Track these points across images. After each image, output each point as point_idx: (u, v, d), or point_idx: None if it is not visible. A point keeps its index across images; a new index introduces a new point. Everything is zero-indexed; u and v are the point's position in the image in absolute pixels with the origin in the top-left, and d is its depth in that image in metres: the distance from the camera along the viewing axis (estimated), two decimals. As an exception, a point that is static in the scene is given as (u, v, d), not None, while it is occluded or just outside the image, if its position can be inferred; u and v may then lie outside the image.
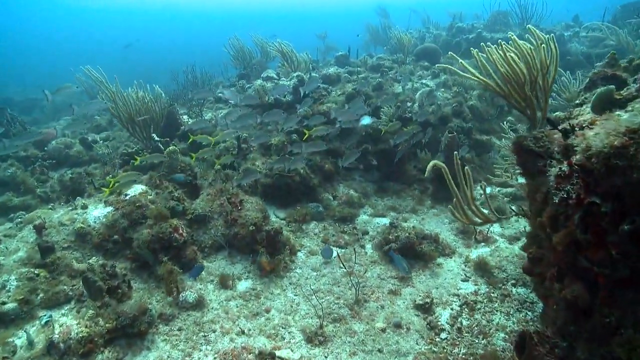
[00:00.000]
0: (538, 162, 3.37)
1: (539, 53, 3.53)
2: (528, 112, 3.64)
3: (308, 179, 6.43)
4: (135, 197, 5.23)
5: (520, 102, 3.58)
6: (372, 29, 13.75)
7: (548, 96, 3.53)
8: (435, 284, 5.06)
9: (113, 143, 8.88)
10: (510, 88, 3.58)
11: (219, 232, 5.30)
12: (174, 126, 8.19)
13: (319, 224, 6.21)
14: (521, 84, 3.48)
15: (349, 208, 6.50)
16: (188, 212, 5.53)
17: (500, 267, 5.28)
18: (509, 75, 3.57)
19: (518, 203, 6.67)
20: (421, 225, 6.29)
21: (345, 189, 6.97)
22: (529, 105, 3.56)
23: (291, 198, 6.45)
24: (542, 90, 3.51)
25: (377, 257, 5.49)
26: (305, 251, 5.58)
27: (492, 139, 7.98)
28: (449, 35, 12.17)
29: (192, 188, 6.07)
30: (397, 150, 6.62)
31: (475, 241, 5.91)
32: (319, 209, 6.28)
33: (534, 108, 3.58)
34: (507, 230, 6.16)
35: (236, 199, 5.52)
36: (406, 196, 7.06)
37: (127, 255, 4.82)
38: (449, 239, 5.91)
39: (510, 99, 3.67)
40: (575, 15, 12.90)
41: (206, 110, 9.04)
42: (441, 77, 8.44)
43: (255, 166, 6.52)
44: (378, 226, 6.29)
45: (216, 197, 5.60)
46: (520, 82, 3.48)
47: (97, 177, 6.45)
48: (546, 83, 3.47)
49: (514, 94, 3.58)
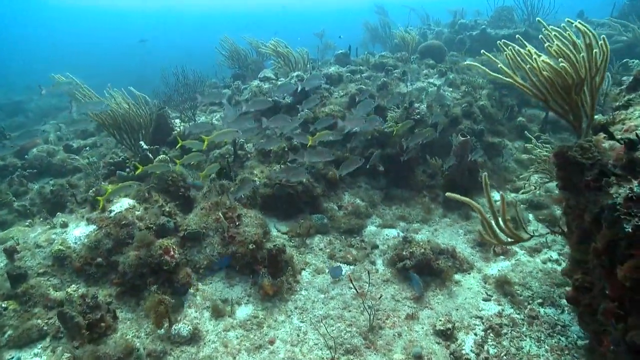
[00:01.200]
0: (586, 175, 2.89)
1: (588, 52, 3.05)
2: (571, 117, 3.17)
3: (311, 187, 5.93)
4: (121, 213, 4.71)
5: (563, 107, 3.11)
6: (371, 27, 13.27)
7: (596, 100, 3.06)
8: (454, 304, 4.59)
9: (100, 150, 8.34)
10: (552, 91, 3.10)
11: (215, 251, 4.79)
12: (165, 131, 7.65)
13: (323, 237, 5.71)
14: (567, 86, 3.00)
15: (355, 219, 6.02)
16: (181, 228, 5.02)
17: (524, 283, 4.82)
18: (552, 77, 3.08)
19: (537, 212, 6.23)
20: (434, 236, 5.82)
21: (350, 197, 6.48)
22: (574, 110, 3.08)
23: (293, 209, 5.95)
24: (590, 93, 3.03)
25: (390, 274, 5.01)
26: (311, 269, 5.08)
27: (503, 141, 7.53)
28: (452, 32, 11.73)
29: (185, 201, 5.55)
30: (406, 151, 6.11)
31: (494, 254, 5.45)
32: (324, 221, 5.78)
33: (580, 114, 3.11)
34: (526, 242, 5.69)
35: (233, 214, 5.01)
36: (415, 204, 6.58)
37: (113, 280, 4.29)
38: (465, 253, 5.44)
39: (550, 103, 3.20)
40: (580, 10, 12.51)
41: (199, 114, 8.51)
42: (449, 75, 7.97)
43: (253, 175, 6.01)
44: (388, 238, 5.81)
45: (211, 211, 5.08)
46: (567, 84, 3.00)
47: (81, 189, 5.91)
48: (594, 86, 3.00)
49: (556, 98, 3.11)
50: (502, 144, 7.32)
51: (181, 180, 5.68)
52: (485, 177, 3.48)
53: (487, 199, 3.60)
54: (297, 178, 5.41)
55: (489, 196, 3.58)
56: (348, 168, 5.38)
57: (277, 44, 8.05)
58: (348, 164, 5.37)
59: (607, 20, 11.26)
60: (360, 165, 5.19)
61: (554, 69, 2.97)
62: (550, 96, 3.12)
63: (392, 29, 13.30)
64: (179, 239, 4.95)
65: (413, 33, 9.66)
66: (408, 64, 8.53)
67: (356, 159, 5.26)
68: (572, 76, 2.92)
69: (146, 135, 6.97)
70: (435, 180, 6.77)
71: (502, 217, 3.58)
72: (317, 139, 5.44)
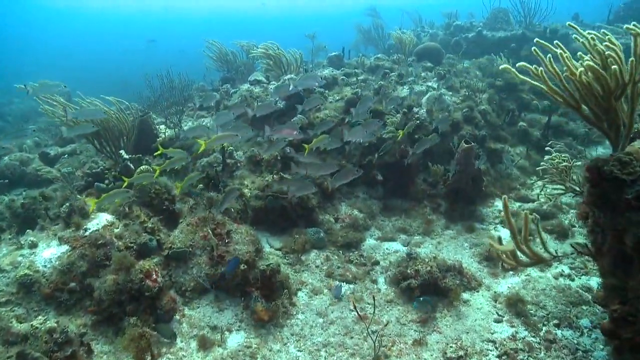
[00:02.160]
0: (626, 193, 2.55)
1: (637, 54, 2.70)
2: (605, 125, 2.82)
3: (305, 199, 5.53)
4: (97, 232, 4.25)
5: (598, 116, 2.76)
6: (364, 30, 12.94)
7: (636, 107, 2.71)
8: (464, 327, 4.22)
9: (80, 158, 7.82)
10: (588, 97, 2.74)
11: (203, 272, 4.36)
12: (149, 138, 7.20)
13: (320, 252, 5.31)
14: (607, 92, 2.65)
15: (353, 232, 5.63)
16: (165, 246, 4.58)
17: (538, 302, 4.48)
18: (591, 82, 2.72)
19: (544, 222, 5.90)
20: (438, 250, 5.46)
21: (347, 208, 6.09)
22: (611, 118, 2.74)
23: (287, 222, 5.54)
24: (630, 101, 2.69)
25: (393, 294, 4.63)
26: (307, 290, 4.68)
27: (505, 147, 7.22)
28: (447, 34, 11.46)
29: (170, 215, 5.10)
30: (411, 155, 5.72)
31: (503, 270, 5.11)
32: (320, 235, 5.39)
33: (618, 122, 2.76)
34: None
35: (222, 230, 4.59)
36: (416, 215, 6.22)
37: (88, 307, 3.83)
38: (472, 268, 5.09)
39: (583, 111, 2.85)
40: (575, 13, 12.36)
41: (186, 119, 8.06)
42: (447, 78, 7.65)
43: (244, 186, 5.59)
44: (388, 252, 5.44)
45: (198, 227, 4.65)
46: (607, 89, 2.64)
47: (55, 202, 5.42)
48: (636, 91, 2.65)
49: (592, 105, 2.76)
50: (504, 150, 7.00)
51: (165, 192, 5.23)
52: (505, 199, 3.12)
53: (507, 220, 3.23)
54: (303, 192, 4.99)
55: (509, 217, 3.21)
56: (342, 179, 4.82)
57: (269, 46, 7.64)
58: (343, 174, 4.84)
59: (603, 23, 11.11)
60: (358, 176, 4.74)
61: (596, 73, 2.61)
62: (585, 103, 2.77)
63: (384, 30, 13.00)
64: (162, 258, 4.52)
65: (410, 35, 9.34)
66: (405, 67, 8.19)
67: (352, 169, 4.79)
68: (618, 80, 2.57)
69: (128, 143, 6.51)
70: (437, 189, 6.43)
71: (524, 236, 3.22)
72: (315, 145, 5.03)
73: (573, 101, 2.80)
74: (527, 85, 9.21)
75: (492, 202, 6.44)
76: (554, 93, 2.87)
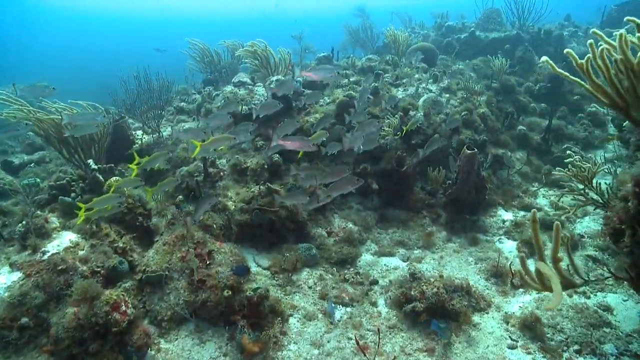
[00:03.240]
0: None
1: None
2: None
3: (295, 212, 5.04)
4: (58, 255, 3.69)
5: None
6: (352, 30, 12.53)
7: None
8: (475, 355, 3.78)
9: (49, 167, 7.21)
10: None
11: (181, 299, 3.82)
12: (125, 145, 6.63)
13: (312, 271, 4.82)
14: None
15: (348, 246, 5.16)
16: (138, 268, 4.04)
17: (554, 325, 4.07)
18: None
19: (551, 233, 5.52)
20: (441, 266, 5.02)
21: (341, 221, 5.62)
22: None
23: (275, 237, 5.04)
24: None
25: (396, 319, 4.16)
26: (300, 315, 4.17)
27: (507, 152, 6.84)
28: (438, 35, 11.13)
29: (144, 232, 4.56)
30: (420, 156, 5.27)
31: (512, 287, 4.69)
32: (312, 252, 4.90)
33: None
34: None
35: (203, 249, 4.06)
36: (415, 226, 5.77)
37: (43, 347, 3.27)
38: (479, 286, 4.66)
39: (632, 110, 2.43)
40: (567, 15, 12.18)
41: (163, 125, 7.50)
42: (444, 80, 7.26)
43: (227, 197, 5.07)
44: (387, 269, 4.98)
45: (176, 247, 4.12)
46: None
47: (14, 218, 4.83)
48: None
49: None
50: (505, 155, 6.62)
51: (140, 207, 4.69)
52: (558, 226, 2.67)
53: (535, 237, 2.79)
54: (294, 201, 4.50)
55: (537, 236, 2.77)
56: (340, 189, 4.24)
57: (255, 43, 7.14)
58: (341, 184, 4.24)
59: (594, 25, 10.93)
60: (359, 186, 4.22)
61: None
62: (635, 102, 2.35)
63: (373, 32, 12.63)
64: (136, 283, 3.98)
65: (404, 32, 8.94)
66: (400, 67, 7.78)
67: (352, 178, 4.26)
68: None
69: (101, 151, 5.93)
70: (436, 198, 6.00)
71: (554, 255, 2.78)
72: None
73: (621, 100, 2.38)
74: (524, 88, 8.94)
75: (494, 212, 6.04)
76: (598, 91, 2.45)
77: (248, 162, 5.45)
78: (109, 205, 3.96)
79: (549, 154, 7.24)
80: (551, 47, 10.07)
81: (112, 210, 4.09)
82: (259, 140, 5.76)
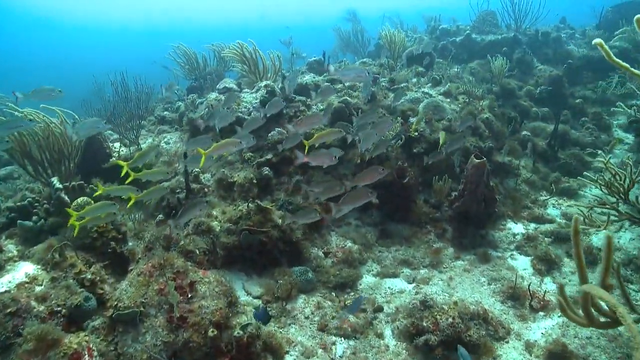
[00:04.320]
0: None
1: None
2: None
3: (289, 231, 4.53)
4: (9, 294, 3.12)
5: None
6: (343, 35, 12.13)
7: None
8: (500, 394, 3.29)
9: (17, 184, 6.61)
10: None
11: (159, 340, 3.28)
12: (100, 159, 6.08)
13: (309, 298, 4.31)
14: None
15: (347, 268, 4.67)
16: (110, 303, 3.49)
17: (585, 356, 3.60)
18: None
19: (567, 246, 5.09)
20: (451, 288, 4.54)
21: (339, 239, 5.12)
22: None
23: (267, 260, 4.52)
24: None
25: (406, 353, 3.66)
26: (297, 353, 3.65)
27: (513, 160, 6.42)
28: (433, 39, 10.77)
29: (118, 259, 4.01)
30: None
31: (531, 309, 4.23)
32: (308, 276, 4.39)
33: None
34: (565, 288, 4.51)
35: (184, 280, 3.53)
36: (419, 243, 5.30)
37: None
38: (495, 310, 4.20)
39: None
40: (562, 17, 11.95)
41: (144, 136, 6.96)
42: (444, 84, 6.84)
43: (212, 217, 4.54)
44: (392, 293, 4.50)
45: (153, 278, 3.57)
46: None
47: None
48: None
49: None
50: (512, 163, 6.21)
51: (113, 230, 4.14)
52: (610, 240, 2.21)
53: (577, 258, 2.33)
54: (306, 219, 4.06)
55: (579, 254, 2.30)
56: (352, 203, 3.73)
57: (243, 44, 6.65)
58: (353, 197, 3.70)
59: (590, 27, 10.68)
60: (371, 199, 3.74)
61: None
62: None
63: (365, 36, 12.27)
64: (106, 320, 3.43)
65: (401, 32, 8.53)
66: (397, 71, 7.35)
67: (365, 190, 3.69)
68: None
69: (72, 166, 5.37)
70: (441, 211, 5.54)
71: (603, 281, 2.31)
72: (317, 140, 4.06)
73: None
74: (524, 91, 8.59)
75: (503, 224, 5.60)
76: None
77: (235, 176, 4.94)
78: (103, 213, 3.66)
79: (555, 160, 6.84)
80: (550, 49, 9.77)
81: (106, 218, 3.76)
82: (246, 152, 5.25)
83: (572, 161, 6.68)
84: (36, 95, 4.54)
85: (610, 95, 8.49)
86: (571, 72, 9.04)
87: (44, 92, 4.52)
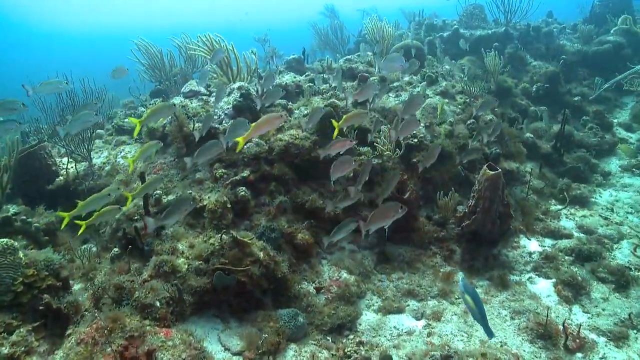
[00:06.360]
0: None
1: None
2: None
3: (272, 266, 3.72)
4: None
5: None
6: (321, 32, 11.35)
7: None
8: None
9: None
10: None
11: None
12: (42, 179, 5.12)
13: (301, 348, 3.50)
14: None
15: (344, 305, 3.91)
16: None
17: (641, 413, 2.94)
18: None
19: (591, 265, 4.46)
20: (468, 326, 3.82)
21: (332, 269, 4.33)
22: None
23: (247, 302, 3.70)
24: None
25: (427, 423, 2.91)
26: None
27: (521, 167, 5.78)
28: (418, 34, 10.11)
29: (55, 317, 3.11)
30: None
31: (566, 350, 3.55)
32: (298, 321, 3.58)
33: None
34: (599, 320, 3.88)
35: (139, 348, 2.67)
36: (424, 268, 4.58)
37: None
38: (524, 353, 3.50)
39: None
40: (548, 11, 11.51)
41: (99, 149, 5.99)
42: (440, 83, 6.16)
43: (177, 251, 3.68)
44: (399, 334, 3.76)
45: (97, 347, 2.70)
46: None
47: None
48: None
49: None
50: (520, 170, 5.57)
51: (48, 277, 3.23)
52: None
53: None
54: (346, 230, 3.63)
55: None
56: (381, 221, 3.41)
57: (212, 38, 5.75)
58: (382, 213, 3.36)
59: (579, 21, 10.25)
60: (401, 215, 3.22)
61: None
62: None
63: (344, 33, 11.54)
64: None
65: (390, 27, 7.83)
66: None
67: (394, 205, 3.34)
68: None
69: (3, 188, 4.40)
70: (447, 229, 4.83)
71: None
72: (346, 123, 3.92)
73: None
74: (520, 89, 7.99)
75: (516, 241, 4.94)
76: None
77: (205, 199, 4.08)
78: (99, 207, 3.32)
79: (562, 164, 6.26)
80: (542, 44, 9.25)
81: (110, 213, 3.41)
82: (218, 168, 4.39)
83: (579, 165, 6.10)
84: (44, 89, 4.47)
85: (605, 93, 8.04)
86: (566, 68, 8.53)
87: (52, 85, 4.47)
